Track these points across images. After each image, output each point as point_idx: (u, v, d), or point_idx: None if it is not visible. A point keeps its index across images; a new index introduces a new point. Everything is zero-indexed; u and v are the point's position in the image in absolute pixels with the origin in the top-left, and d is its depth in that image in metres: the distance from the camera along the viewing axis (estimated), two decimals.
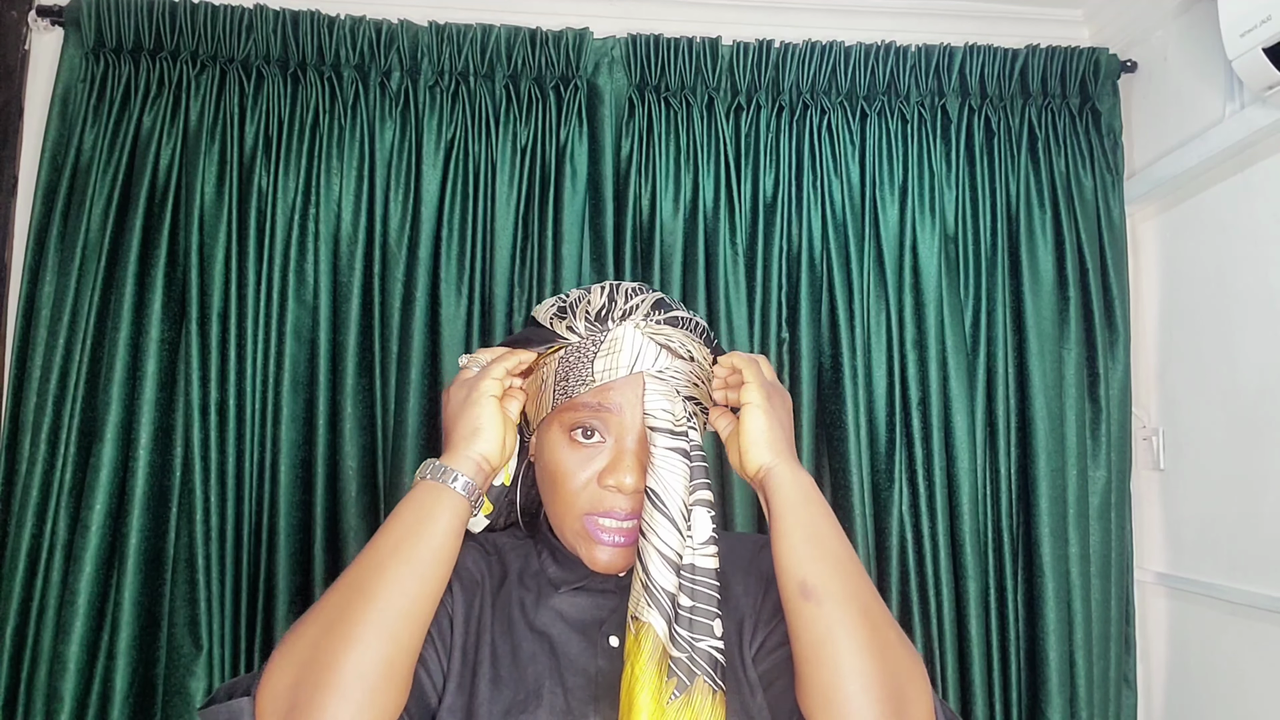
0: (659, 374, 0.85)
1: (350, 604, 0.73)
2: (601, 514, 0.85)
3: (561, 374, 0.86)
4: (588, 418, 0.85)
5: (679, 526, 0.80)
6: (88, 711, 1.46)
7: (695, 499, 0.81)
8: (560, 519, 0.88)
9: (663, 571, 0.78)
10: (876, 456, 1.67)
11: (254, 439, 1.57)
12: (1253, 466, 1.50)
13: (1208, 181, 1.63)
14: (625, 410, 0.85)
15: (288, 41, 1.63)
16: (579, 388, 0.85)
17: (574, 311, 0.89)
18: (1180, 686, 1.68)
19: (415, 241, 1.62)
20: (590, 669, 0.84)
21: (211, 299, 1.56)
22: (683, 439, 0.82)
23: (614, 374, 0.84)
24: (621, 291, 0.90)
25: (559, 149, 1.67)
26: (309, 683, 0.70)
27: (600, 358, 0.85)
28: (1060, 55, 1.75)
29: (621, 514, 0.84)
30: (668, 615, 0.77)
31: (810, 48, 1.72)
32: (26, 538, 1.48)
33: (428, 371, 1.61)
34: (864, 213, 1.71)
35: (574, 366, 0.86)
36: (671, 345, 0.87)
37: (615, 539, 0.85)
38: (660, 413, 0.83)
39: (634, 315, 0.87)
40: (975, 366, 1.71)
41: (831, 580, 0.77)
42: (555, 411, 0.87)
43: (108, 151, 1.58)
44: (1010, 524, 1.69)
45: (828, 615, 0.76)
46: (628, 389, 0.85)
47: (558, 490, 0.87)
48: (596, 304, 0.89)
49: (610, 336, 0.86)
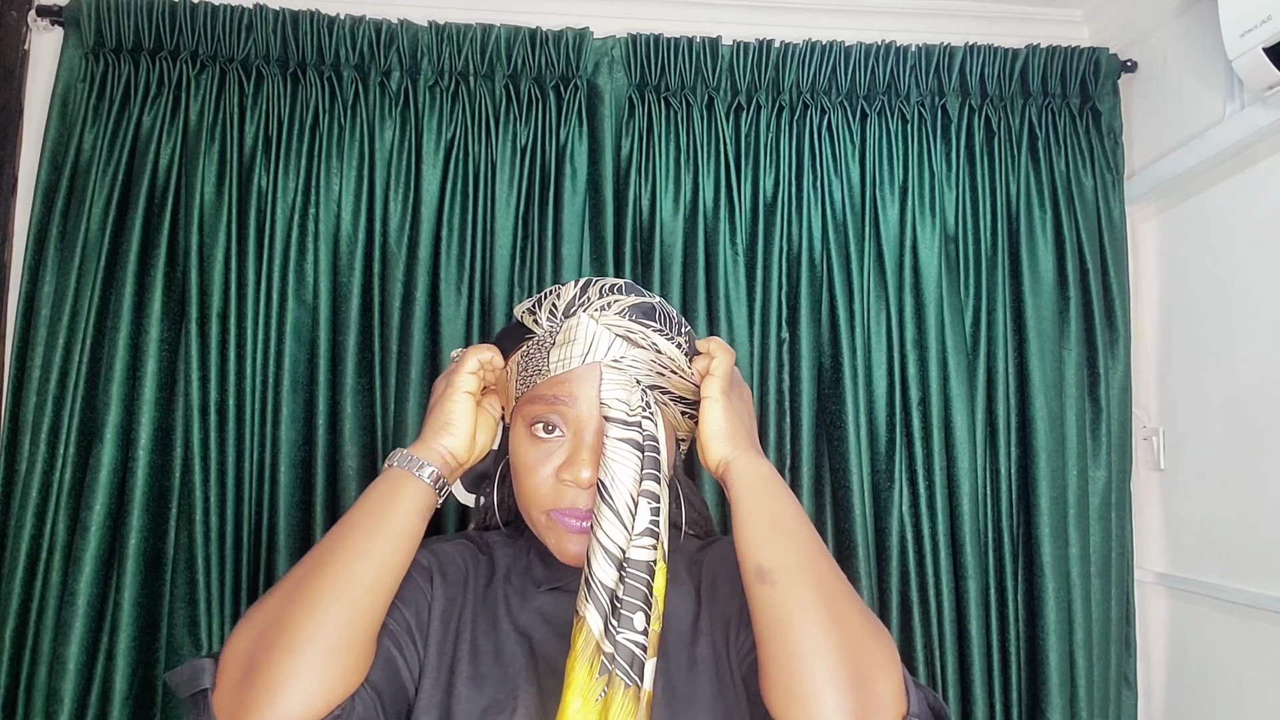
0: (615, 363, 0.83)
1: (311, 574, 0.75)
2: (564, 510, 0.84)
3: (523, 366, 0.86)
4: (545, 411, 0.84)
5: (624, 520, 0.78)
6: (87, 712, 1.46)
7: (641, 490, 0.79)
8: (527, 513, 0.88)
9: (604, 566, 0.77)
10: (876, 456, 1.67)
11: (254, 439, 1.57)
12: (1253, 466, 1.50)
13: (1208, 181, 1.63)
14: (580, 402, 0.83)
15: (288, 41, 1.63)
16: (535, 378, 0.85)
17: (542, 305, 0.89)
18: (1180, 686, 1.68)
19: (415, 241, 1.62)
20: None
21: (211, 299, 1.56)
22: (635, 429, 0.80)
23: (568, 364, 0.83)
24: (596, 287, 0.89)
25: (559, 149, 1.67)
26: (266, 643, 0.71)
27: (555, 348, 0.84)
28: (1060, 55, 1.75)
29: (583, 510, 0.83)
30: (604, 611, 0.76)
31: (810, 48, 1.72)
32: (26, 538, 1.48)
33: (428, 371, 1.61)
34: (864, 213, 1.71)
35: (532, 358, 0.86)
36: (631, 336, 0.85)
37: (581, 525, 0.83)
38: (615, 402, 0.82)
39: (596, 307, 0.86)
40: (975, 366, 1.71)
41: (788, 560, 0.76)
42: (518, 405, 0.87)
43: (107, 151, 1.58)
44: (1010, 524, 1.69)
45: (784, 596, 0.74)
46: (584, 381, 0.83)
47: (521, 485, 0.87)
48: (566, 297, 0.88)
49: (565, 326, 0.85)
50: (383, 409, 1.60)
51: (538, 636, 0.85)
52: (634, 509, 0.79)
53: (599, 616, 0.75)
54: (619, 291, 0.89)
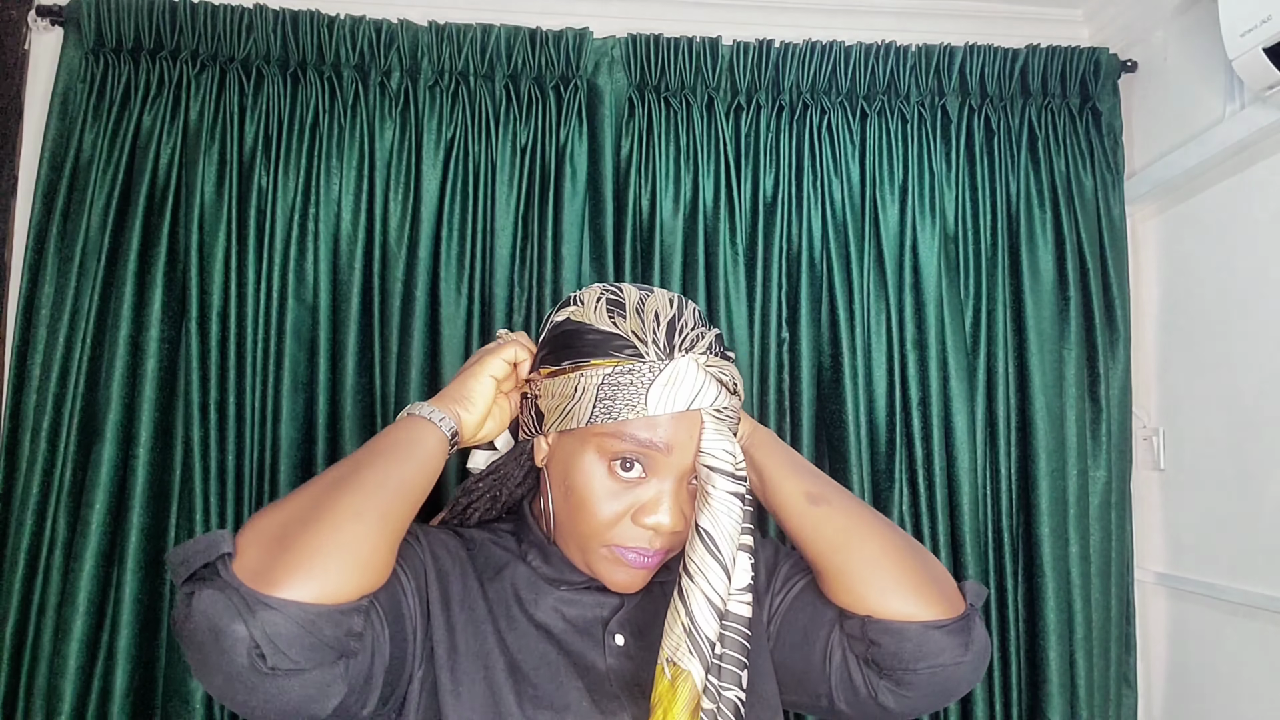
0: (717, 412, 0.81)
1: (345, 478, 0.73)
2: (628, 548, 0.82)
3: (607, 393, 0.79)
4: (634, 451, 0.80)
5: (728, 573, 0.78)
6: (87, 711, 1.47)
7: (740, 544, 0.80)
8: (581, 539, 0.84)
9: (708, 618, 0.76)
10: (876, 456, 1.67)
11: (254, 438, 1.57)
12: (1253, 466, 1.50)
13: (1208, 181, 1.63)
14: (675, 451, 0.80)
15: (288, 41, 1.63)
16: (626, 413, 0.79)
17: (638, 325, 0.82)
18: (1180, 686, 1.68)
19: (415, 241, 1.62)
20: (600, 666, 0.83)
21: (211, 298, 1.56)
22: (741, 483, 0.80)
23: (670, 407, 0.79)
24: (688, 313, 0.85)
25: (559, 149, 1.67)
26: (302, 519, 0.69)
27: (658, 387, 0.79)
28: (1060, 55, 1.75)
29: (649, 550, 0.82)
30: (706, 664, 0.76)
31: (810, 48, 1.72)
32: (26, 536, 1.48)
33: (428, 371, 1.61)
34: (864, 213, 1.71)
35: (623, 389, 0.79)
36: (724, 380, 0.83)
37: (643, 560, 0.83)
38: (721, 453, 0.80)
39: (697, 347, 0.82)
40: (975, 366, 1.71)
41: (830, 488, 0.89)
42: (592, 433, 0.81)
43: (107, 151, 1.58)
44: (1010, 524, 1.69)
45: (842, 511, 0.86)
46: (680, 426, 0.80)
47: (583, 514, 0.82)
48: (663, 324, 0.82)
49: (672, 367, 0.80)
50: (383, 409, 1.60)
51: (559, 634, 0.84)
52: (734, 562, 0.79)
53: (702, 669, 0.76)
54: (699, 321, 0.86)
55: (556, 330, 0.87)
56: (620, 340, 0.81)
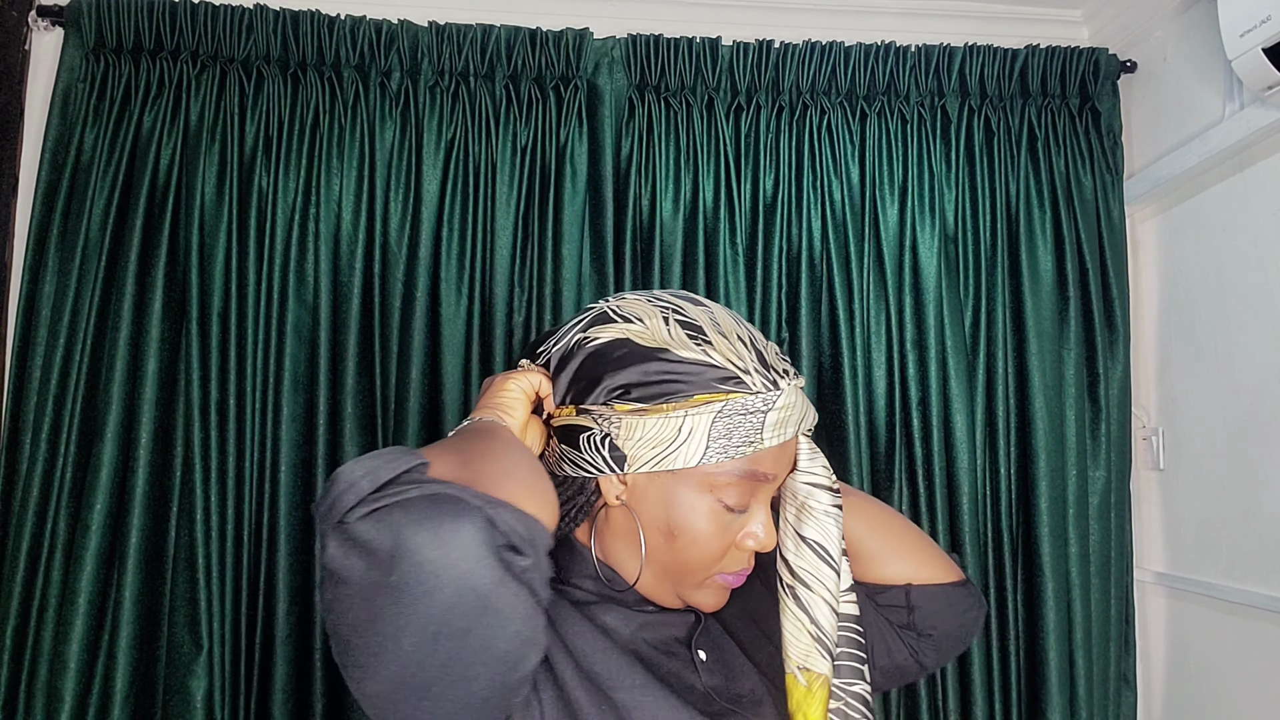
0: (808, 432, 0.83)
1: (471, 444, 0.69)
2: (733, 573, 0.83)
3: (721, 431, 0.75)
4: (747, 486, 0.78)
5: (841, 577, 0.82)
6: (88, 711, 1.47)
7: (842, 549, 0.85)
8: (689, 575, 0.80)
9: (832, 622, 0.81)
10: (876, 456, 1.67)
11: (254, 439, 1.57)
12: (1253, 466, 1.50)
13: (1207, 181, 1.63)
14: (780, 476, 0.81)
15: (288, 41, 1.63)
16: (744, 449, 0.75)
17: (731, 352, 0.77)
18: (1180, 686, 1.68)
19: (415, 241, 1.62)
20: (699, 686, 0.81)
21: (211, 299, 1.56)
22: (839, 495, 0.83)
23: (783, 437, 0.77)
24: (753, 328, 0.84)
25: (559, 149, 1.67)
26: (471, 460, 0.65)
27: (771, 419, 0.76)
28: (1060, 55, 1.75)
29: (748, 569, 0.84)
30: (832, 666, 0.80)
31: (810, 48, 1.72)
32: (27, 537, 1.48)
33: (428, 371, 1.61)
34: (864, 213, 1.72)
35: (739, 426, 0.75)
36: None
37: (740, 580, 0.84)
38: (822, 470, 0.82)
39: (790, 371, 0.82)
40: (975, 366, 1.71)
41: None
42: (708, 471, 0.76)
43: (108, 151, 1.58)
44: (1010, 524, 1.69)
45: (863, 500, 0.98)
46: (784, 452, 0.80)
47: (694, 552, 0.79)
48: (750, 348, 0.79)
49: (783, 398, 0.77)
50: (383, 409, 1.60)
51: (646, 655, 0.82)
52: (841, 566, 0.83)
53: (830, 670, 0.80)
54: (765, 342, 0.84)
55: (618, 352, 0.78)
56: (721, 371, 0.76)
